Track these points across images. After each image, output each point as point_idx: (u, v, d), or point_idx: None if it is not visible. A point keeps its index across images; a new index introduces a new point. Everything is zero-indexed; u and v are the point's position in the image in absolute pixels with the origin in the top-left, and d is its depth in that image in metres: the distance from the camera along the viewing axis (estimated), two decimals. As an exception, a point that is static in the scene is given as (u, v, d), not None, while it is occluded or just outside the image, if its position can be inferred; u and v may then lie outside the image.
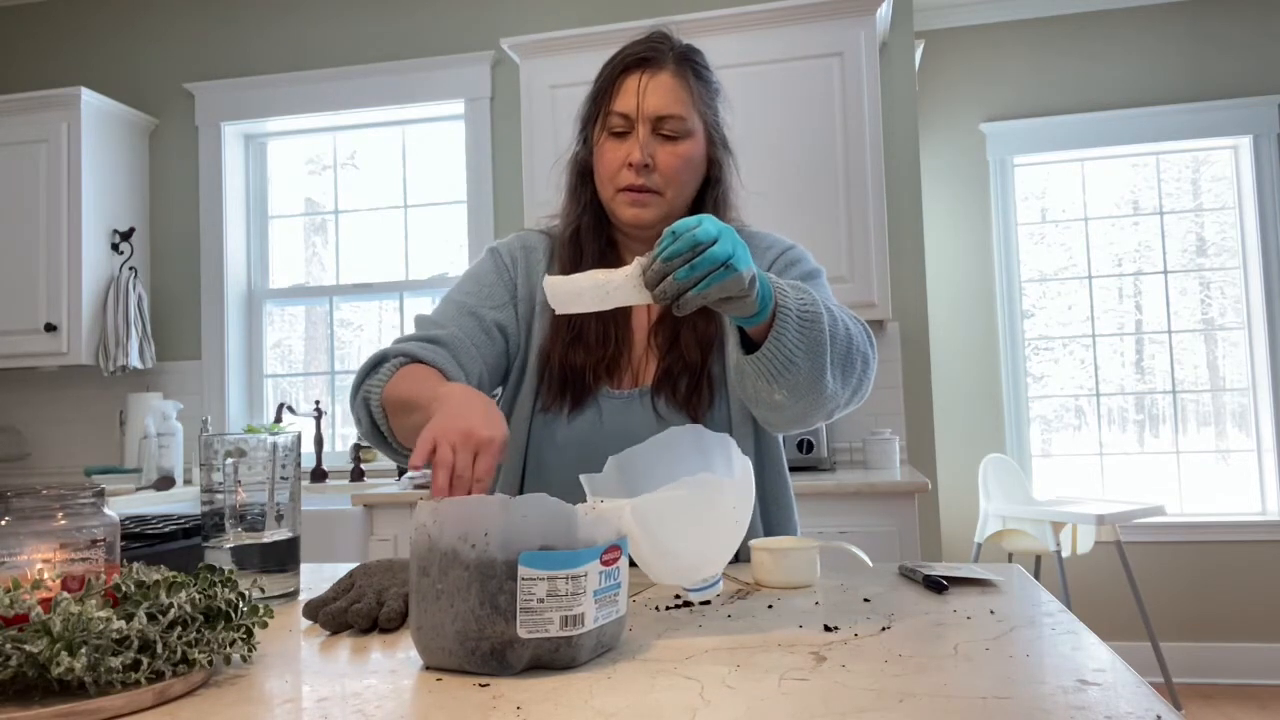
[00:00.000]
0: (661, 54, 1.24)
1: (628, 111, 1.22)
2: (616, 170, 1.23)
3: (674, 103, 1.22)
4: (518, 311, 1.32)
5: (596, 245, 1.29)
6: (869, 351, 1.13)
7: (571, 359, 1.25)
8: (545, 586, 0.74)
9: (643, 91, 1.21)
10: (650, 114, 1.21)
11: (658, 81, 1.22)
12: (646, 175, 1.22)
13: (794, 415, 1.09)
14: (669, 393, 1.24)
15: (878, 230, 2.77)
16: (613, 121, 1.23)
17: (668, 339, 1.27)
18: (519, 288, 1.32)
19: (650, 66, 1.23)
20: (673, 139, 1.23)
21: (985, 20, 3.84)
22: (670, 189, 1.24)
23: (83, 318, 3.31)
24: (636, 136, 1.22)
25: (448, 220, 3.63)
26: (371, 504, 2.72)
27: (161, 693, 0.69)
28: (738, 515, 0.93)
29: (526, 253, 1.35)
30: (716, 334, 1.27)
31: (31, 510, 0.81)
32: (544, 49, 2.98)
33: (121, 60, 3.74)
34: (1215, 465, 3.74)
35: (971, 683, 0.69)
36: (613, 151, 1.24)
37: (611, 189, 1.25)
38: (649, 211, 1.24)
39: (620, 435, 1.19)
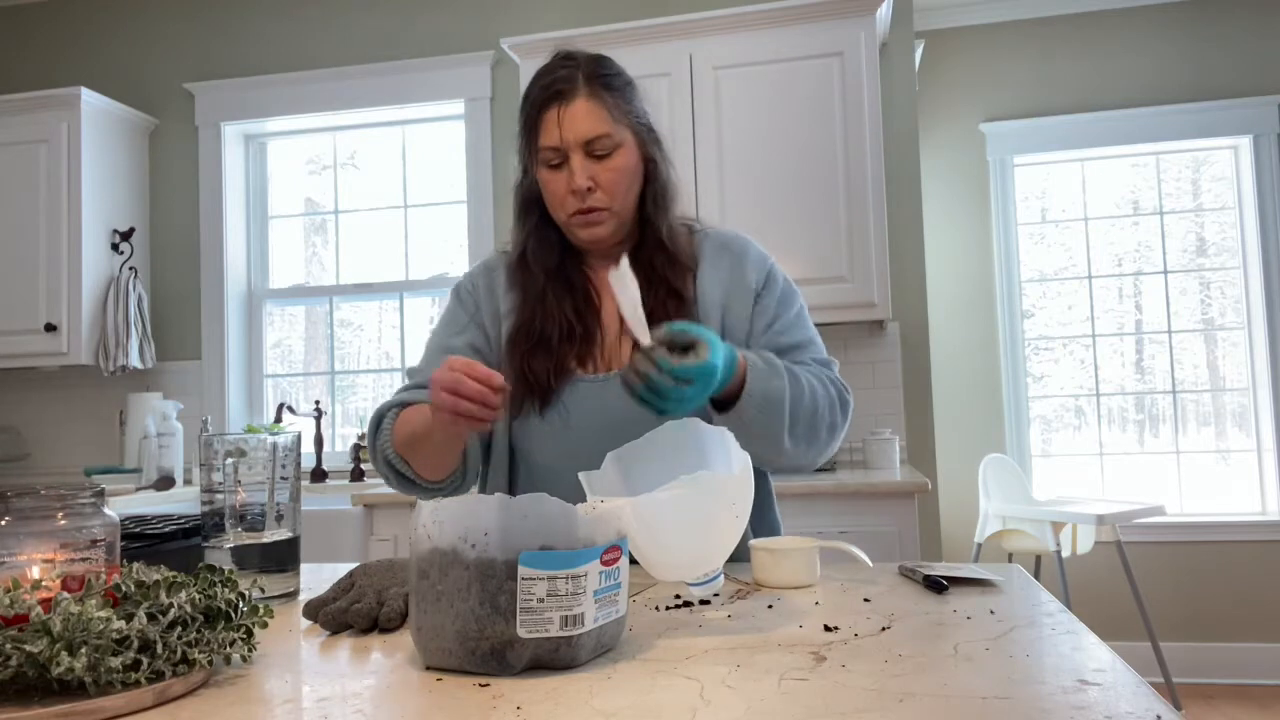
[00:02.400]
0: (570, 80, 1.27)
1: (555, 144, 1.26)
2: (563, 199, 1.29)
3: (595, 124, 1.26)
4: (486, 330, 1.39)
5: (550, 262, 1.35)
6: (837, 418, 1.27)
7: (533, 365, 1.30)
8: (545, 586, 0.74)
9: (562, 124, 1.25)
10: (577, 142, 1.25)
11: (573, 110, 1.25)
12: (591, 197, 1.27)
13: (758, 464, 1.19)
14: None
15: (878, 230, 2.77)
16: (545, 156, 1.28)
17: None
18: (482, 307, 1.40)
19: (563, 98, 1.26)
20: (604, 156, 1.27)
21: (985, 20, 3.84)
22: (615, 201, 1.29)
23: (83, 318, 3.31)
24: (571, 165, 1.26)
25: (448, 220, 3.63)
26: (371, 504, 2.72)
27: (161, 693, 0.69)
28: (738, 511, 0.93)
29: (488, 273, 1.43)
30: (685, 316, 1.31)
31: (31, 510, 0.81)
32: (544, 49, 2.96)
33: (121, 60, 3.74)
34: (1215, 465, 3.74)
35: (971, 683, 0.69)
36: (554, 182, 1.29)
37: (563, 215, 1.31)
38: (603, 229, 1.30)
39: (599, 418, 1.27)
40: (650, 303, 1.30)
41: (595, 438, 1.18)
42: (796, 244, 2.80)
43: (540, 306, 1.32)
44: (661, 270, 1.33)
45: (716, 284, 1.34)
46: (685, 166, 2.89)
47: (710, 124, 2.88)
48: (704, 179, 2.87)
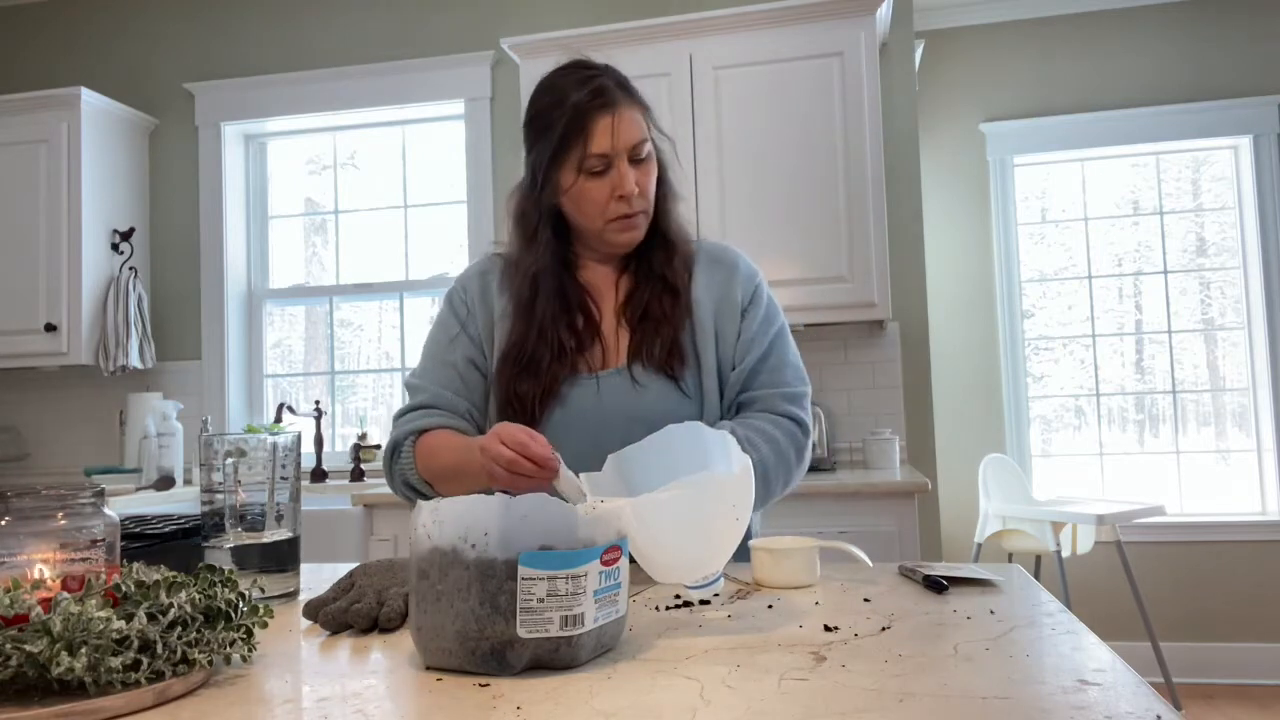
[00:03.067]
0: (610, 89, 1.30)
1: (605, 151, 1.28)
2: (605, 204, 1.31)
3: (639, 130, 1.31)
4: (479, 339, 1.39)
5: (553, 282, 1.35)
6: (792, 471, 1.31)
7: (519, 389, 1.31)
8: (545, 586, 0.74)
9: (616, 132, 1.28)
10: (626, 146, 1.29)
11: (625, 118, 1.29)
12: (637, 201, 1.31)
13: None
14: (645, 357, 1.32)
15: (878, 230, 2.77)
16: (591, 164, 1.29)
17: (637, 314, 1.35)
18: (475, 315, 1.40)
19: (611, 106, 1.29)
20: (644, 161, 1.32)
21: (985, 20, 3.84)
22: (650, 204, 1.34)
23: (83, 318, 3.31)
24: (619, 170, 1.29)
25: (448, 220, 3.63)
26: (371, 504, 2.72)
27: (161, 693, 0.69)
28: (738, 513, 0.93)
29: (481, 276, 1.43)
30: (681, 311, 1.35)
31: (31, 510, 0.81)
32: (544, 49, 2.98)
33: (121, 60, 3.74)
34: (1215, 465, 3.74)
35: (971, 683, 0.69)
36: (597, 190, 1.30)
37: (601, 222, 1.32)
38: (639, 232, 1.34)
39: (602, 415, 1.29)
40: (647, 296, 1.34)
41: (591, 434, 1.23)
42: (796, 244, 2.80)
43: (535, 327, 1.32)
44: (661, 268, 1.35)
45: (710, 297, 1.37)
46: (685, 166, 2.89)
47: (710, 124, 2.88)
48: (704, 179, 2.87)
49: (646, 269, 1.36)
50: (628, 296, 1.37)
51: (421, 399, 1.36)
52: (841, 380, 3.14)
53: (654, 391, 1.30)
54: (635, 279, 1.38)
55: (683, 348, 1.32)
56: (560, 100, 1.30)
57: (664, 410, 1.27)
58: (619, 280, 1.40)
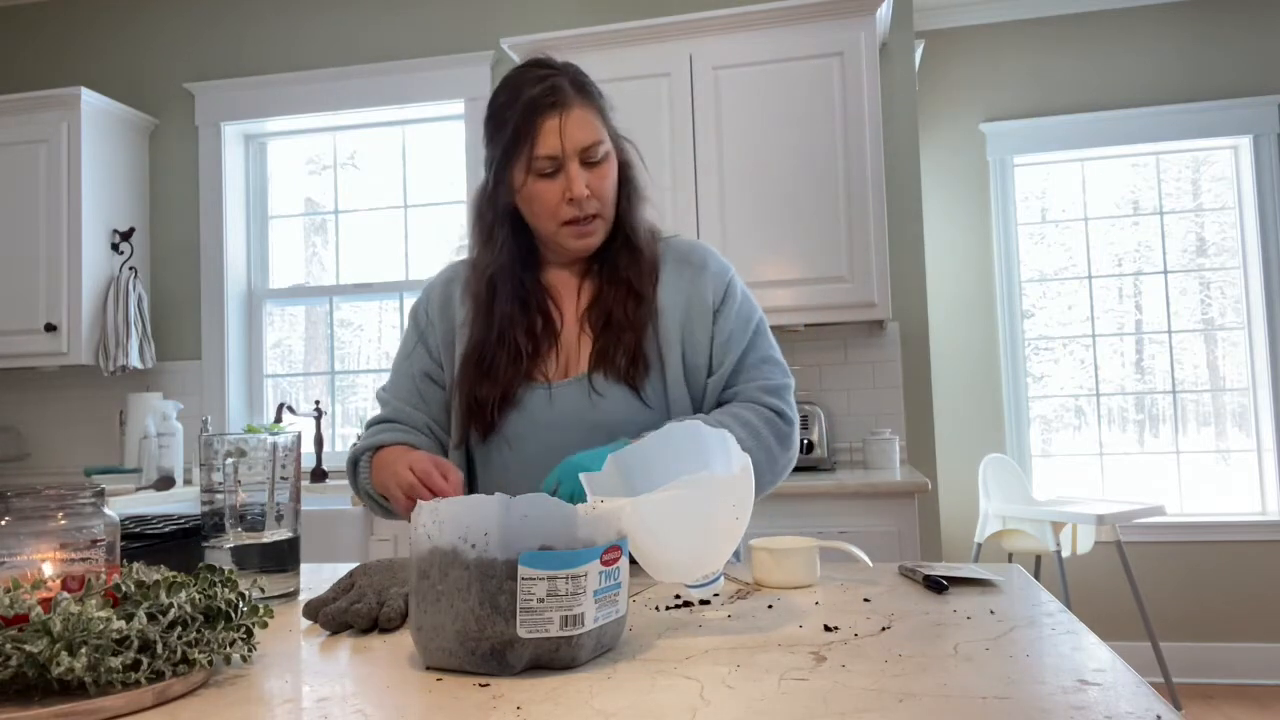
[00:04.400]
0: (562, 88, 1.26)
1: (553, 153, 1.24)
2: (556, 207, 1.27)
3: (591, 132, 1.26)
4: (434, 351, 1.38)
5: (512, 283, 1.33)
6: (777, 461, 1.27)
7: (479, 394, 1.30)
8: (545, 586, 0.74)
9: (564, 132, 1.24)
10: (576, 148, 1.25)
11: (573, 118, 1.25)
12: (587, 204, 1.27)
13: None
14: (607, 368, 1.28)
15: (878, 230, 2.77)
16: (540, 165, 1.25)
17: (600, 320, 1.31)
18: (435, 325, 1.39)
19: (560, 106, 1.25)
20: (597, 163, 1.27)
21: (985, 20, 3.84)
22: (606, 208, 1.30)
23: (83, 318, 3.31)
24: (567, 173, 1.25)
25: (448, 220, 3.63)
26: (371, 504, 2.72)
27: (161, 693, 0.69)
28: (738, 512, 0.93)
29: (445, 286, 1.41)
30: (646, 316, 1.30)
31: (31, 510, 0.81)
32: (544, 49, 2.97)
33: (121, 60, 3.74)
34: (1215, 465, 3.74)
35: (971, 683, 0.69)
36: (547, 191, 1.26)
37: (554, 225, 1.29)
38: (595, 237, 1.31)
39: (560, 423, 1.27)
40: (610, 301, 1.31)
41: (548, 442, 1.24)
42: (796, 244, 2.80)
43: (493, 330, 1.31)
44: (625, 271, 1.32)
45: (677, 299, 1.32)
46: (685, 166, 2.89)
47: (710, 124, 2.87)
48: (704, 179, 2.87)
49: (610, 272, 1.33)
50: (591, 301, 1.33)
51: (385, 412, 1.38)
52: (841, 380, 3.14)
53: (613, 400, 1.26)
54: (599, 283, 1.34)
55: (646, 355, 1.28)
56: (514, 99, 1.26)
57: (623, 419, 1.25)
58: (581, 284, 1.36)
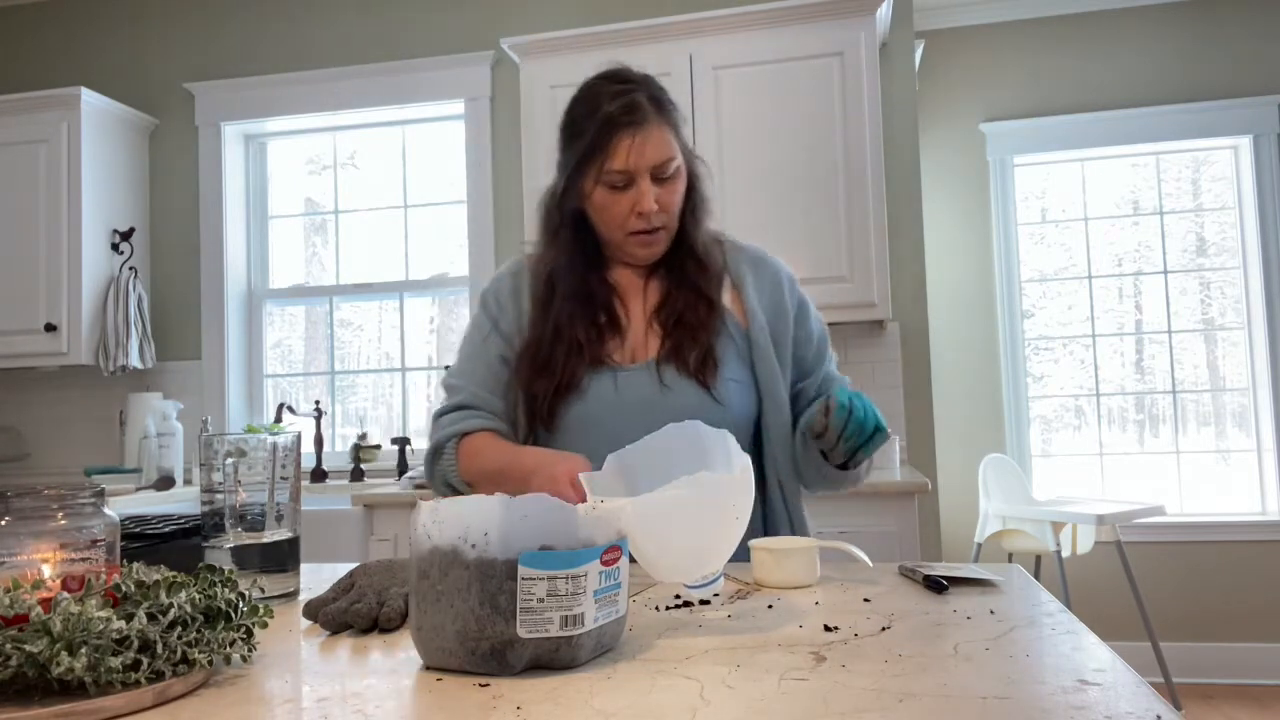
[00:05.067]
0: (640, 105, 1.29)
1: (626, 169, 1.28)
2: (624, 219, 1.32)
3: (665, 150, 1.30)
4: (510, 337, 1.40)
5: (574, 280, 1.37)
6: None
7: (533, 388, 1.33)
8: (545, 586, 0.74)
9: (638, 151, 1.28)
10: (648, 167, 1.29)
11: (649, 137, 1.28)
12: (655, 218, 1.31)
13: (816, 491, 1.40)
14: (678, 363, 1.31)
15: (878, 230, 2.77)
16: (611, 179, 1.30)
17: (670, 319, 1.35)
18: (506, 312, 1.41)
19: (636, 125, 1.28)
20: (669, 179, 1.31)
21: (985, 20, 3.84)
22: (672, 220, 1.35)
23: (83, 318, 3.31)
24: (638, 188, 1.29)
25: (448, 220, 3.63)
26: (371, 504, 2.72)
27: (161, 693, 0.69)
28: (738, 512, 0.93)
29: (514, 277, 1.44)
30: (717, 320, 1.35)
31: (31, 510, 0.81)
32: (544, 49, 2.98)
33: (121, 60, 3.74)
34: (1215, 465, 3.74)
35: (971, 683, 0.69)
36: (616, 204, 1.31)
37: (621, 234, 1.34)
38: (659, 247, 1.36)
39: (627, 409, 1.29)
40: (680, 304, 1.34)
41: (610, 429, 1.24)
42: (796, 244, 2.80)
43: (550, 325, 1.34)
44: (693, 277, 1.36)
45: (761, 301, 1.38)
46: (685, 166, 2.88)
47: (710, 124, 2.88)
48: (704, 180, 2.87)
49: (679, 277, 1.37)
50: (660, 302, 1.37)
51: (460, 399, 1.38)
52: (841, 380, 3.14)
53: (681, 394, 1.29)
54: (666, 285, 1.38)
55: (717, 357, 1.32)
56: (593, 110, 1.30)
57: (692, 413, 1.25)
58: (647, 284, 1.40)
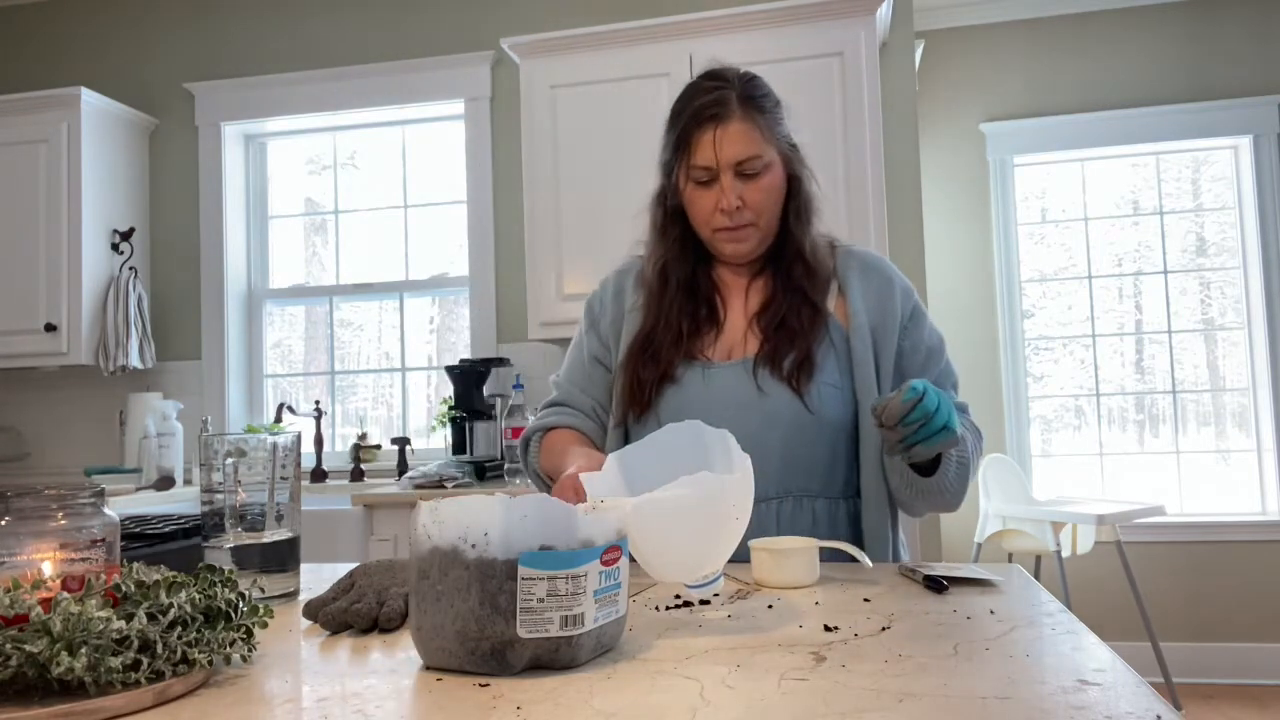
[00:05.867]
0: (726, 101, 1.30)
1: (708, 164, 1.30)
2: (710, 215, 1.33)
3: (749, 146, 1.29)
4: (606, 338, 1.45)
5: (683, 273, 1.39)
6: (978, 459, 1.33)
7: (641, 374, 1.35)
8: (545, 586, 0.74)
9: (719, 145, 1.29)
10: (729, 163, 1.29)
11: (730, 132, 1.29)
12: (738, 215, 1.31)
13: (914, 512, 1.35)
14: (772, 366, 1.31)
15: (878, 230, 2.77)
16: (696, 174, 1.32)
17: (772, 323, 1.35)
18: (607, 312, 1.46)
19: (720, 120, 1.29)
20: (754, 176, 1.31)
21: (985, 20, 3.84)
22: (761, 219, 1.34)
23: (83, 318, 3.31)
24: (721, 184, 1.30)
25: (448, 220, 3.63)
26: (371, 504, 2.72)
27: (161, 693, 0.69)
28: (738, 513, 0.93)
29: (620, 276, 1.49)
30: (821, 327, 1.34)
31: (31, 510, 0.81)
32: (544, 49, 2.98)
33: (121, 60, 3.74)
34: (1215, 465, 3.74)
35: (971, 683, 0.69)
36: (702, 200, 1.33)
37: (708, 230, 1.35)
38: (746, 245, 1.35)
39: (717, 403, 1.29)
40: (784, 308, 1.34)
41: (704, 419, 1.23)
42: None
43: (661, 316, 1.37)
44: (799, 281, 1.36)
45: (866, 305, 1.36)
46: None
47: (710, 124, 2.87)
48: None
49: (785, 280, 1.37)
50: (763, 305, 1.37)
51: (557, 395, 1.47)
52: (841, 380, 3.13)
53: (775, 396, 1.29)
54: (772, 287, 1.38)
55: (814, 364, 1.31)
56: (684, 108, 1.33)
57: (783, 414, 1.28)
58: (750, 284, 1.41)
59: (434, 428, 3.53)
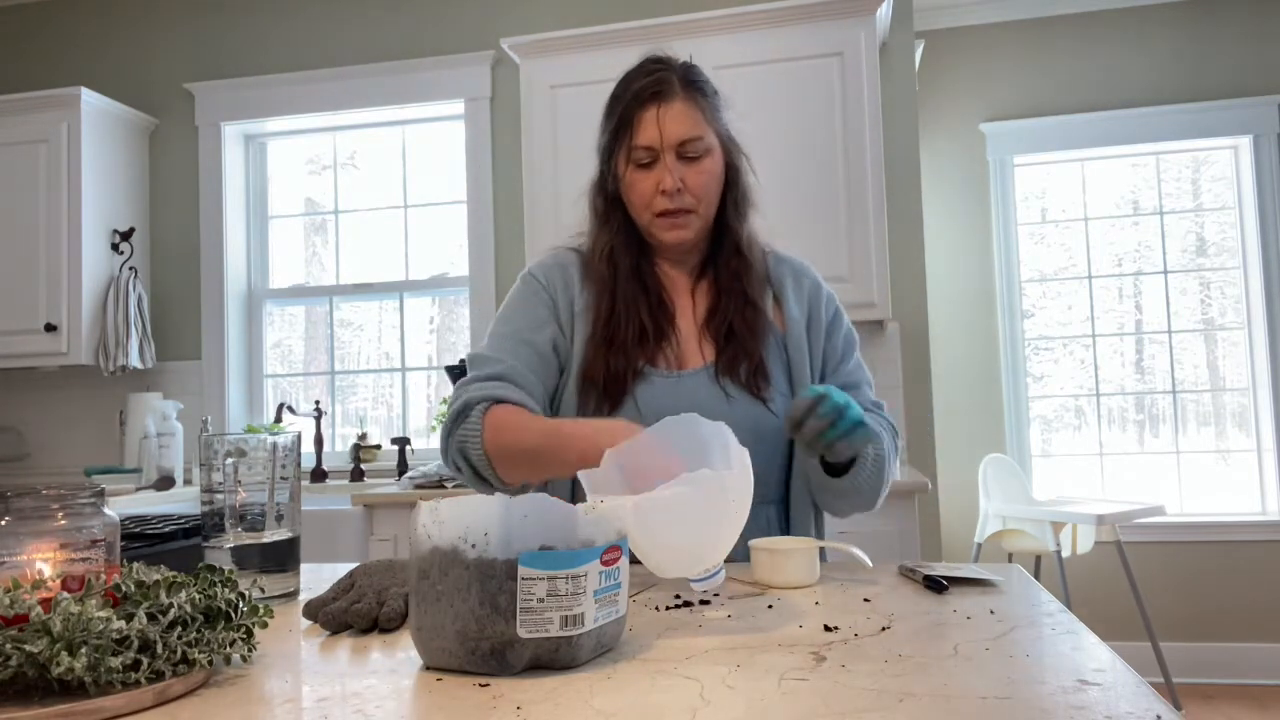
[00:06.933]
0: (668, 82, 1.30)
1: (650, 144, 1.28)
2: (650, 198, 1.31)
3: (692, 126, 1.29)
4: (560, 324, 1.36)
5: (629, 261, 1.36)
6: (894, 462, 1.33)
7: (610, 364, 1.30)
8: (545, 586, 0.74)
9: (662, 123, 1.28)
10: (672, 142, 1.28)
11: (673, 111, 1.28)
12: (679, 198, 1.29)
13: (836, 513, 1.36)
14: (732, 374, 1.31)
15: (878, 230, 2.77)
16: (637, 155, 1.30)
17: (721, 330, 1.34)
18: (558, 301, 1.37)
19: (662, 98, 1.28)
20: (695, 159, 1.30)
21: (985, 20, 3.84)
22: (702, 205, 1.32)
23: (83, 318, 3.31)
24: (663, 165, 1.28)
25: (448, 220, 3.63)
26: (371, 504, 2.72)
27: (161, 693, 0.69)
28: (738, 506, 0.94)
29: (562, 269, 1.40)
30: (764, 327, 1.34)
31: (31, 510, 0.81)
32: (544, 49, 2.98)
33: (121, 60, 3.74)
34: (1215, 465, 3.74)
35: (971, 683, 0.69)
36: (642, 182, 1.31)
37: (648, 215, 1.32)
38: (687, 231, 1.33)
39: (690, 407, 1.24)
40: (730, 312, 1.33)
41: None
42: (796, 244, 2.77)
43: (618, 307, 1.33)
44: (739, 279, 1.35)
45: (801, 311, 1.37)
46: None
47: (710, 124, 2.87)
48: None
49: (725, 280, 1.35)
50: (710, 311, 1.36)
51: (496, 370, 1.29)
52: (841, 380, 3.14)
53: (741, 403, 1.29)
54: (714, 290, 1.37)
55: (768, 369, 1.32)
56: (624, 91, 1.32)
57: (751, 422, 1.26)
58: (695, 286, 1.39)
59: (434, 428, 3.53)
